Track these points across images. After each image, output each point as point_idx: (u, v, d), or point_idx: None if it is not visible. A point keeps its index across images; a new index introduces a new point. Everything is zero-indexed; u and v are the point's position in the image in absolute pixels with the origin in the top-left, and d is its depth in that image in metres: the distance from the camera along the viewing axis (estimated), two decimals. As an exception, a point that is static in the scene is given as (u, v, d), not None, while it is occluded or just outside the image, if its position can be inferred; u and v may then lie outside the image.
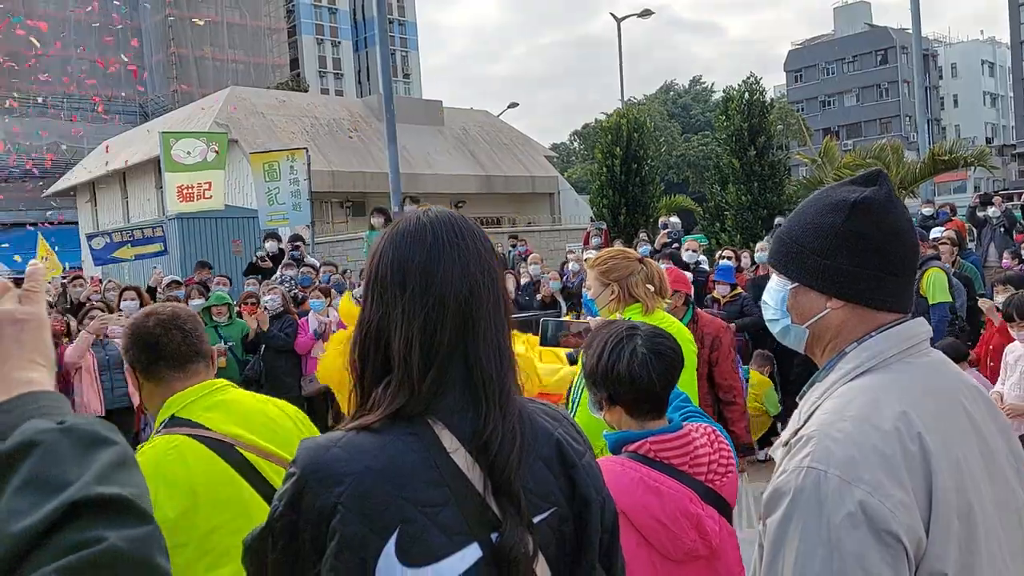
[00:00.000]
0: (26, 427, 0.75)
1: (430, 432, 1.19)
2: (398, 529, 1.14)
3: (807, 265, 1.38)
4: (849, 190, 1.37)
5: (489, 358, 1.23)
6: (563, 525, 1.24)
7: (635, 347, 1.97)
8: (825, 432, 1.24)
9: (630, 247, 9.17)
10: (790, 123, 33.72)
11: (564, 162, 53.77)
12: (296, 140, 20.42)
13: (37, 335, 0.87)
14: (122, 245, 13.32)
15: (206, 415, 2.05)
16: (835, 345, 1.39)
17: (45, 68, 42.99)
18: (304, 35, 66.71)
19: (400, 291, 1.23)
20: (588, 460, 1.30)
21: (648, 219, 18.86)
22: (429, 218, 1.28)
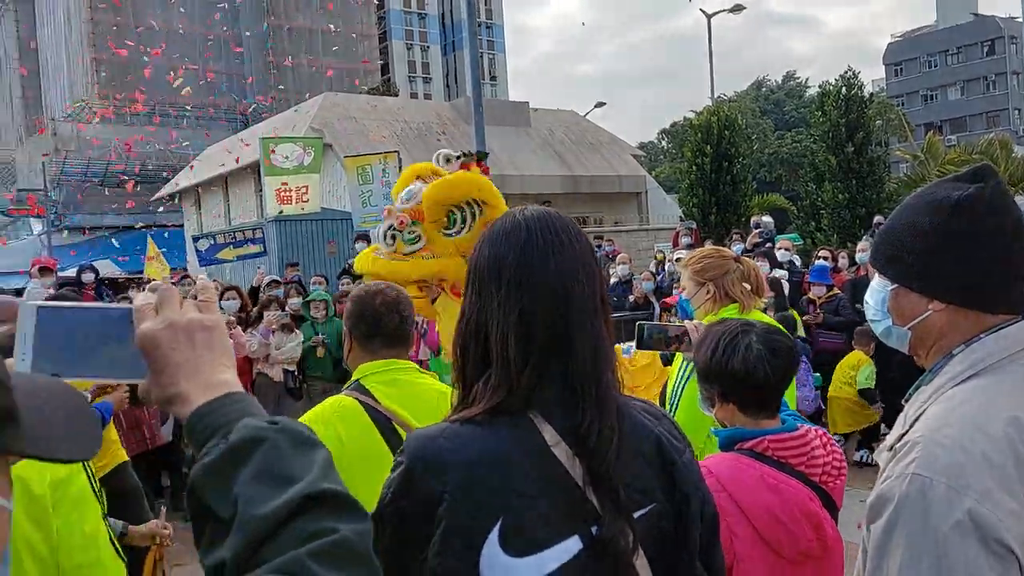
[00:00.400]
0: (246, 423, 0.83)
1: (531, 426, 1.22)
2: (501, 519, 1.17)
3: (907, 266, 1.35)
4: (952, 187, 1.32)
5: (585, 353, 1.25)
6: (663, 521, 1.26)
7: (750, 343, 1.96)
8: (931, 438, 1.20)
9: (722, 246, 8.99)
10: (890, 118, 32.42)
11: (652, 161, 53.17)
12: (387, 143, 20.85)
13: (223, 339, 0.94)
14: (224, 247, 13.91)
15: (379, 388, 2.30)
16: (941, 347, 1.34)
17: (152, 78, 45.27)
18: (394, 40, 68.08)
19: (496, 287, 1.26)
20: (688, 457, 1.31)
21: (740, 218, 18.49)
22: (524, 216, 1.31)
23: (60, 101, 47.45)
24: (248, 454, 0.80)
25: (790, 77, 63.79)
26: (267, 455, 0.80)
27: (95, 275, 10.19)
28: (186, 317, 0.92)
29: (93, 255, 28.77)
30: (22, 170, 44.63)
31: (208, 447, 0.82)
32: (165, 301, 0.93)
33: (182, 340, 0.90)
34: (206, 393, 0.87)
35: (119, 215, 39.67)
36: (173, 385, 0.88)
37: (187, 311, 0.93)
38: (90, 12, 43.82)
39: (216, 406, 0.86)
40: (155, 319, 0.91)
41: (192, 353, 0.90)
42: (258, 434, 0.82)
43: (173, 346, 0.90)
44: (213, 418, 0.85)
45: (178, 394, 0.88)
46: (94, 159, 38.36)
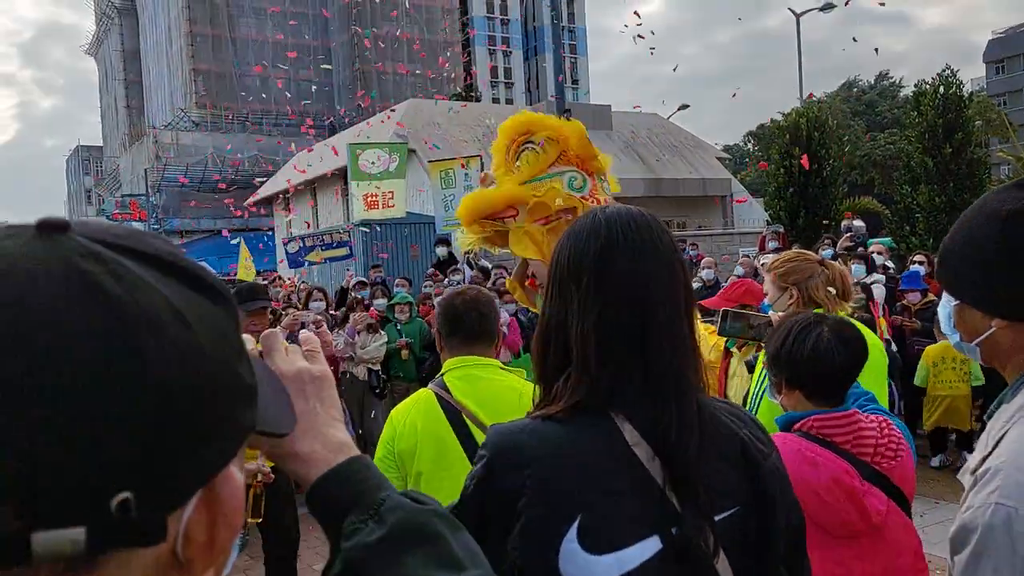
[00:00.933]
0: (396, 502, 0.79)
1: (612, 424, 1.22)
2: (580, 516, 1.17)
3: (966, 281, 1.30)
4: (1008, 196, 1.25)
5: (665, 352, 1.23)
6: (746, 525, 1.24)
7: (821, 332, 2.03)
8: (1015, 464, 1.15)
9: (810, 251, 8.77)
10: (990, 118, 30.98)
11: (737, 164, 52.15)
12: (469, 148, 21.08)
13: (332, 391, 0.89)
14: (313, 249, 14.31)
15: (455, 382, 2.46)
16: (1017, 363, 1.28)
17: (247, 87, 46.99)
18: (477, 46, 68.78)
19: (576, 286, 1.26)
20: (774, 461, 1.28)
21: (830, 222, 17.96)
22: (605, 215, 1.30)
23: (161, 110, 49.70)
24: (413, 539, 0.76)
25: (883, 77, 61.60)
26: (436, 542, 0.77)
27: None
28: (295, 367, 0.87)
29: (191, 257, 29.94)
30: (125, 176, 46.95)
31: (353, 523, 0.78)
32: (270, 348, 0.88)
33: (295, 392, 0.84)
34: (330, 455, 0.83)
35: (215, 219, 41.31)
36: (291, 442, 0.82)
37: (295, 360, 0.88)
38: (189, 25, 45.76)
39: (347, 473, 0.82)
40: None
41: (306, 406, 0.84)
42: (416, 516, 0.78)
43: None
44: (347, 487, 0.81)
45: (298, 454, 0.83)
46: (192, 165, 40.02)
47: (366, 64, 48.35)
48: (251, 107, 46.00)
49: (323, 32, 50.65)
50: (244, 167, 40.79)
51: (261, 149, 41.41)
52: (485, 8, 67.99)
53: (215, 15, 46.59)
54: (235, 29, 47.64)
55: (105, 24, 59.69)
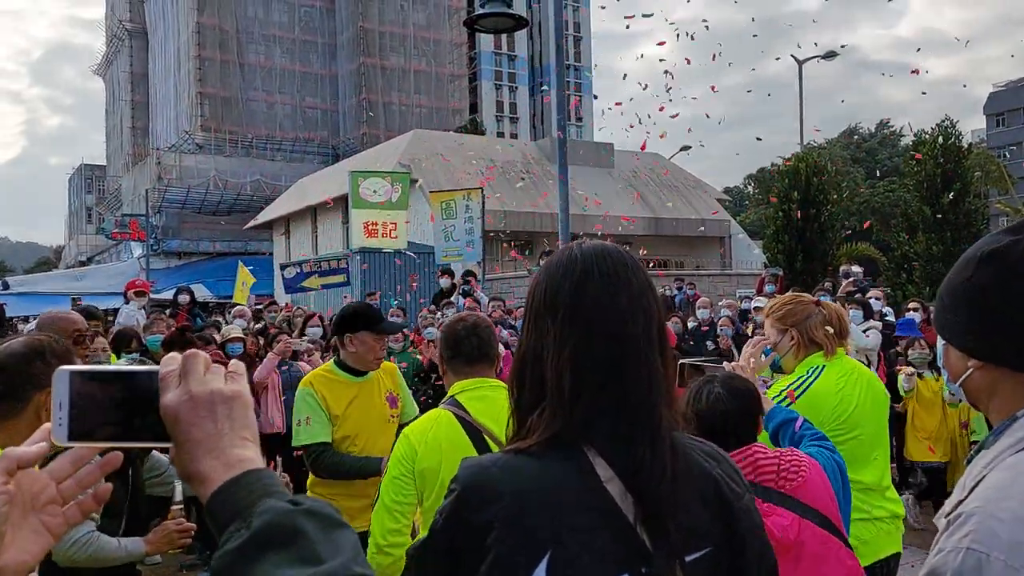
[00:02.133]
0: (269, 507, 0.81)
1: (585, 459, 1.21)
2: (550, 552, 1.15)
3: (948, 322, 1.31)
4: (987, 240, 1.26)
5: (639, 389, 1.23)
6: (719, 566, 1.22)
7: (711, 388, 2.31)
8: (988, 511, 1.11)
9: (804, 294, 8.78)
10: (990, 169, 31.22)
11: (737, 206, 52.43)
12: (471, 181, 21.21)
13: (245, 412, 0.90)
14: (310, 275, 14.32)
15: (471, 403, 2.55)
16: (1000, 406, 1.26)
17: (252, 112, 47.35)
18: (484, 80, 69.49)
19: (552, 319, 1.26)
20: (747, 502, 1.27)
21: (827, 267, 18.01)
22: (581, 250, 1.32)
23: (166, 132, 50.03)
24: (274, 540, 0.77)
25: (883, 125, 62.29)
26: (295, 540, 0.78)
27: (191, 297, 10.59)
28: (208, 388, 0.89)
29: (187, 278, 29.97)
30: (127, 196, 47.09)
31: (230, 532, 0.79)
32: (188, 370, 0.90)
33: (204, 414, 0.88)
34: (225, 472, 0.85)
35: (213, 241, 41.35)
36: (193, 462, 0.86)
37: (210, 381, 0.90)
38: (198, 49, 46.23)
39: (235, 487, 0.83)
40: (177, 390, 0.89)
41: (214, 428, 0.87)
42: (282, 518, 0.79)
43: (193, 421, 0.87)
44: (233, 499, 0.82)
45: (198, 473, 0.86)
46: (193, 188, 40.17)
47: (372, 94, 48.79)
48: (256, 132, 46.32)
49: (331, 60, 51.18)
50: (246, 191, 40.96)
51: (263, 173, 41.63)
52: (492, 44, 68.78)
53: (225, 40, 47.08)
54: (243, 55, 48.13)
55: (115, 45, 60.31)
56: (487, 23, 8.48)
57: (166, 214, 40.69)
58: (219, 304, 21.37)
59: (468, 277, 12.15)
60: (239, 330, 7.31)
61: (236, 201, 41.12)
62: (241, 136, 45.57)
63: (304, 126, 48.96)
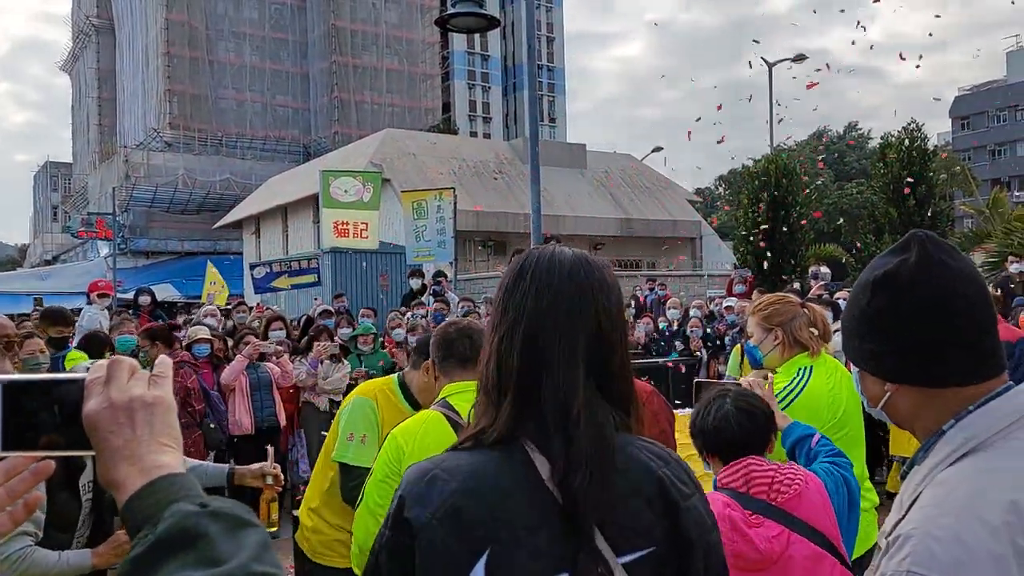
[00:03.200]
0: (174, 510, 0.80)
1: (526, 455, 1.21)
2: (489, 549, 1.15)
3: (855, 349, 1.32)
4: (876, 264, 1.29)
5: (557, 387, 1.23)
6: (664, 567, 1.22)
7: (723, 404, 2.28)
8: (926, 530, 1.11)
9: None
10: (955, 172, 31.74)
11: (708, 207, 52.85)
12: (444, 180, 21.15)
13: (165, 419, 0.90)
14: (280, 275, 14.19)
15: (462, 404, 2.50)
16: (925, 424, 1.27)
17: (222, 110, 46.87)
18: (456, 80, 69.38)
19: (499, 322, 1.31)
20: (694, 503, 1.27)
21: (796, 268, 18.20)
22: (535, 254, 1.34)
23: (133, 129, 49.34)
24: (176, 544, 0.77)
25: (852, 128, 63.10)
26: (195, 543, 0.77)
27: (151, 298, 10.44)
28: (127, 395, 0.89)
29: (155, 278, 29.58)
30: (93, 194, 46.39)
31: (138, 538, 0.79)
32: (111, 376, 0.90)
33: (122, 421, 0.87)
34: (141, 479, 0.84)
35: (181, 241, 40.85)
36: (112, 470, 0.86)
37: (131, 387, 0.90)
38: (167, 46, 45.65)
39: (147, 492, 0.83)
40: (99, 396, 0.89)
41: (133, 435, 0.87)
42: (186, 521, 0.78)
43: (112, 429, 0.87)
44: (144, 505, 0.82)
45: (115, 480, 0.85)
46: (162, 186, 39.66)
47: (343, 92, 48.49)
48: (225, 130, 45.84)
49: (302, 58, 50.80)
50: (215, 190, 40.52)
51: (233, 172, 41.21)
52: (465, 44, 68.68)
53: (194, 37, 46.53)
54: (213, 52, 47.61)
55: (82, 41, 59.35)
56: (459, 23, 8.45)
57: (134, 213, 40.13)
58: (187, 304, 21.10)
59: (439, 278, 12.12)
60: (206, 331, 7.21)
61: (205, 200, 40.67)
62: (211, 134, 45.06)
63: (275, 124, 48.54)
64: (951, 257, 1.25)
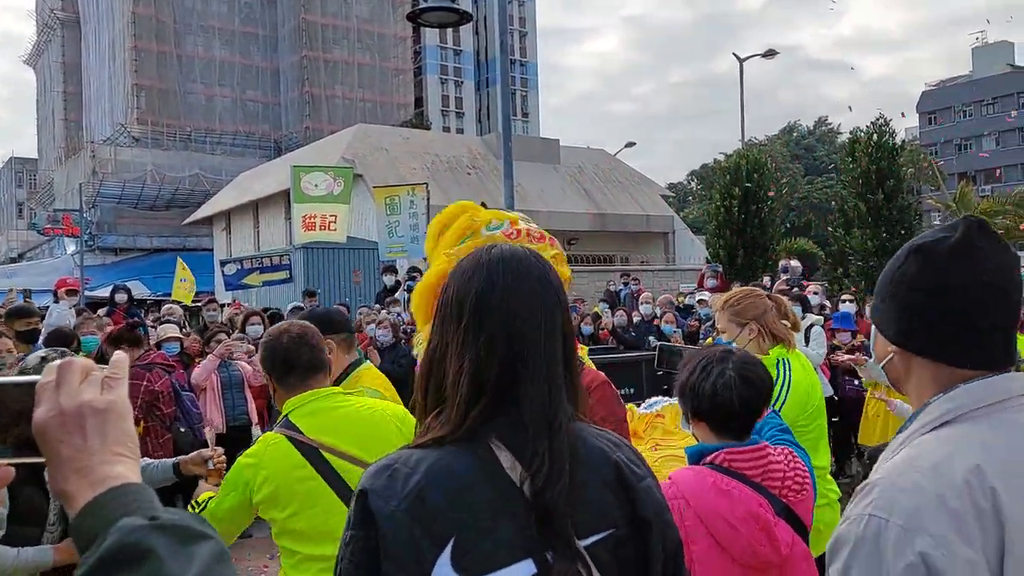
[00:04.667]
0: (121, 526, 0.76)
1: (487, 448, 1.23)
2: (453, 538, 1.16)
3: (876, 308, 1.40)
4: (922, 235, 1.34)
5: (539, 388, 1.24)
6: (623, 547, 1.25)
7: (724, 368, 2.11)
8: (892, 481, 1.19)
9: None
10: (922, 166, 32.22)
11: (681, 202, 53.16)
12: (417, 176, 21.03)
13: (119, 425, 0.85)
14: (251, 272, 14.05)
15: (303, 420, 2.37)
16: (917, 391, 1.34)
17: (191, 105, 46.26)
18: (429, 75, 69.04)
19: (456, 324, 1.28)
20: (648, 484, 1.31)
21: (767, 262, 18.37)
22: (490, 254, 1.32)
23: (100, 125, 48.56)
24: (120, 562, 0.73)
25: (822, 122, 63.77)
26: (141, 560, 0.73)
27: (128, 295, 10.29)
28: (77, 400, 0.84)
29: (124, 275, 29.17)
30: (60, 190, 45.60)
31: (86, 556, 0.75)
32: (62, 381, 0.85)
33: (72, 430, 0.83)
34: (91, 491, 0.80)
35: (151, 237, 40.31)
36: (62, 482, 0.82)
37: (82, 391, 0.85)
38: (134, 40, 44.94)
39: (97, 506, 0.79)
40: (48, 403, 0.84)
41: (83, 444, 0.83)
42: (132, 537, 0.74)
43: (61, 437, 0.82)
44: (93, 520, 0.78)
45: (65, 492, 0.81)
46: (130, 182, 39.08)
47: (315, 87, 48.07)
48: (194, 125, 45.25)
49: (272, 53, 50.27)
50: (184, 186, 40.00)
51: (203, 168, 40.70)
52: (438, 38, 68.35)
53: (161, 31, 45.83)
54: (181, 46, 46.95)
55: (47, 35, 58.21)
56: (431, 17, 8.41)
57: (101, 209, 39.49)
58: (157, 302, 20.83)
59: (413, 273, 12.06)
60: (175, 329, 7.13)
61: (175, 196, 40.13)
62: (179, 129, 44.44)
63: (245, 119, 47.99)
64: (993, 248, 1.28)
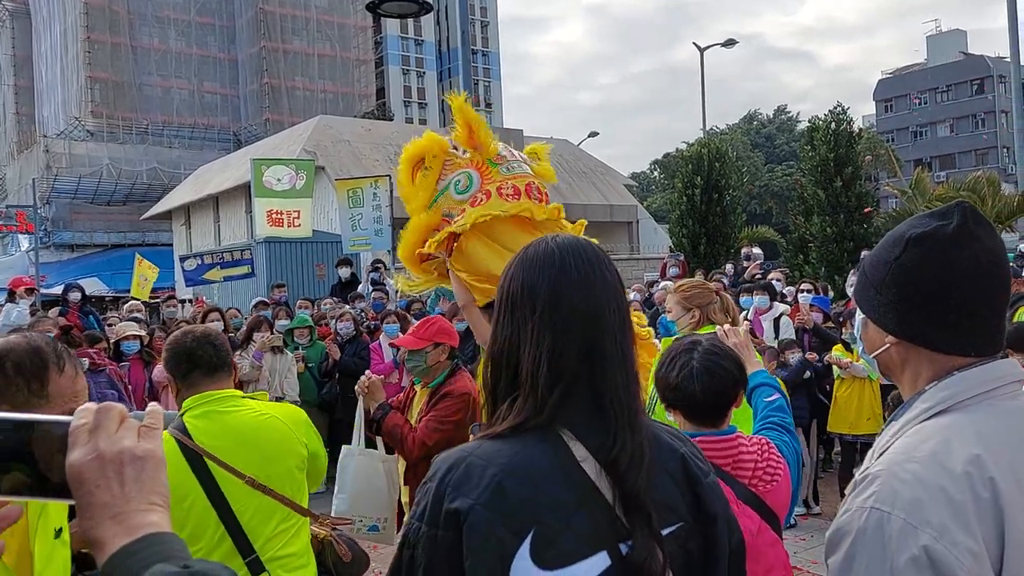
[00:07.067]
0: (154, 571, 0.76)
1: (559, 440, 1.23)
2: (533, 530, 1.16)
3: (869, 298, 1.38)
4: (915, 223, 1.33)
5: (615, 378, 1.26)
6: (689, 541, 1.26)
7: (688, 360, 2.18)
8: (892, 472, 1.19)
9: (708, 278, 9.08)
10: (879, 153, 32.74)
11: (644, 191, 53.49)
12: (380, 168, 20.88)
13: (155, 475, 0.86)
14: (212, 267, 13.83)
15: (192, 422, 2.37)
16: (911, 380, 1.35)
17: (147, 97, 45.38)
18: (390, 66, 68.54)
19: (530, 312, 1.28)
20: (713, 479, 1.33)
21: (729, 250, 18.55)
22: (557, 243, 1.34)
23: (54, 118, 47.44)
24: None
25: (781, 111, 64.53)
26: None
27: (81, 294, 10.08)
28: (117, 447, 0.84)
29: (81, 272, 28.60)
30: (12, 186, 44.50)
31: None
32: (99, 425, 0.85)
33: (110, 475, 0.83)
34: (125, 538, 0.80)
35: (108, 233, 39.52)
36: (95, 528, 0.81)
37: (121, 438, 0.85)
38: (87, 31, 43.93)
39: (129, 552, 0.79)
40: (85, 447, 0.84)
41: (120, 491, 0.83)
42: None
43: (99, 483, 0.82)
44: (123, 566, 0.78)
45: (98, 538, 0.81)
46: (85, 176, 38.25)
47: (274, 78, 47.42)
48: (151, 118, 44.40)
49: (230, 44, 49.48)
50: (142, 180, 39.26)
51: (160, 161, 39.98)
52: (399, 28, 67.80)
53: (115, 22, 44.86)
54: (136, 37, 46.00)
55: (-5, 26, 56.75)
56: (391, 8, 8.34)
57: (56, 205, 38.62)
58: (115, 299, 20.46)
59: (377, 265, 11.98)
60: (135, 327, 7.00)
61: (132, 190, 39.36)
62: (136, 122, 43.58)
63: (203, 112, 47.22)
64: (987, 233, 1.29)
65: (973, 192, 15.98)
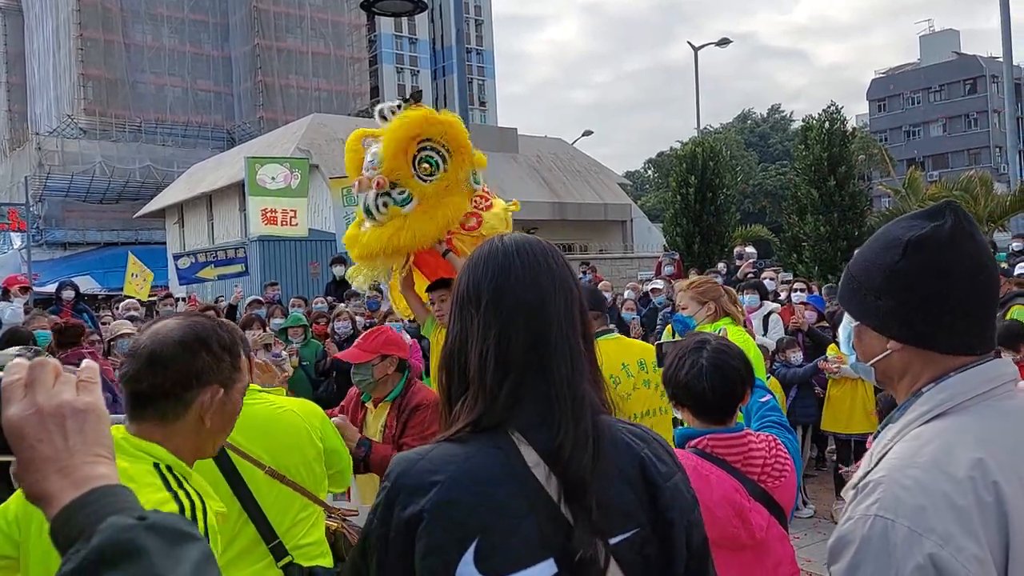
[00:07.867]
0: (111, 523, 0.75)
1: (511, 445, 1.22)
2: (478, 538, 1.17)
3: (865, 304, 1.35)
4: (909, 225, 1.31)
5: (562, 373, 1.26)
6: (647, 547, 1.24)
7: (697, 358, 2.20)
8: (894, 479, 1.18)
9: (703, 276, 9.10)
10: (872, 153, 32.84)
11: (638, 190, 53.52)
12: (374, 166, 20.82)
13: (98, 427, 0.85)
14: (206, 265, 13.82)
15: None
16: (909, 384, 1.33)
17: (140, 95, 45.23)
18: (385, 64, 68.45)
19: (475, 309, 1.29)
20: (675, 482, 1.29)
21: (723, 248, 18.59)
22: (503, 242, 1.36)
23: (46, 115, 47.25)
24: (111, 559, 0.72)
25: (775, 110, 64.64)
26: (131, 558, 0.73)
27: (75, 292, 10.04)
28: (56, 401, 0.83)
29: (74, 270, 28.51)
30: (4, 184, 44.32)
31: (70, 553, 0.74)
32: (36, 380, 0.84)
33: (51, 429, 0.81)
34: (74, 491, 0.79)
35: (101, 231, 39.39)
36: (41, 482, 0.80)
37: (59, 392, 0.84)
38: (79, 29, 43.75)
39: (80, 505, 0.78)
40: (22, 402, 0.82)
41: (64, 444, 0.81)
42: (122, 535, 0.74)
43: (40, 437, 0.81)
44: (77, 519, 0.77)
45: (44, 492, 0.80)
46: (78, 174, 38.11)
47: (268, 76, 47.30)
48: (144, 116, 44.25)
49: (224, 41, 49.35)
50: (135, 178, 39.13)
51: (154, 159, 39.85)
52: (393, 26, 67.72)
53: (108, 19, 44.68)
54: (129, 35, 45.83)
55: (-13, 23, 56.47)
56: (385, 6, 8.33)
57: (48, 203, 38.50)
58: (108, 297, 20.40)
59: (371, 264, 11.93)
60: (129, 325, 6.98)
61: (125, 189, 39.24)
62: (129, 120, 43.42)
63: (196, 110, 47.07)
64: (977, 231, 1.30)
65: (966, 191, 16.04)
